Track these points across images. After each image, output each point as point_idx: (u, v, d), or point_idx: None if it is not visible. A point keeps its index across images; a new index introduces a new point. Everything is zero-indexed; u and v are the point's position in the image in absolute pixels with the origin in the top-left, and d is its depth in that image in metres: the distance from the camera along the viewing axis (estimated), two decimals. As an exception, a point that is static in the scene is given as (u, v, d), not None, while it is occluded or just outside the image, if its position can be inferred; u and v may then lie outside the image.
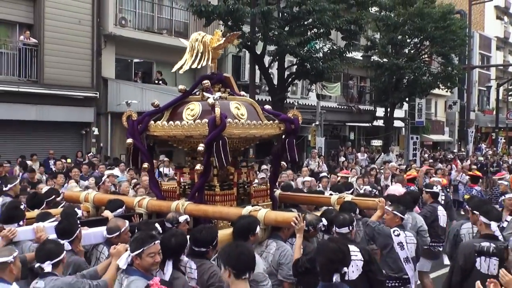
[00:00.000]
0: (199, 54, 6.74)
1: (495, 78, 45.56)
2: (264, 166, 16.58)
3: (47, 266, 4.39)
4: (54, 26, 18.20)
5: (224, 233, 5.35)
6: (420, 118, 32.79)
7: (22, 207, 6.46)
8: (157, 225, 5.53)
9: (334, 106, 27.22)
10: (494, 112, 39.76)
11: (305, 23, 18.32)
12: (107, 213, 6.37)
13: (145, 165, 6.87)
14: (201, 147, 6.09)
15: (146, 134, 6.83)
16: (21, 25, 18.25)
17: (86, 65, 19.19)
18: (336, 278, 3.96)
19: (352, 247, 4.91)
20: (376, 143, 31.18)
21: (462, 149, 34.20)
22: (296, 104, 22.00)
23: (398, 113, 29.15)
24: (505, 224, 6.77)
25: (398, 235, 6.37)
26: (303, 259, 5.06)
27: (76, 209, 6.55)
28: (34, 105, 17.67)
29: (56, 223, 5.49)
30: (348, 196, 7.21)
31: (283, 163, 7.38)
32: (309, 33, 18.40)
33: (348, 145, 27.15)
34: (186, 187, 6.89)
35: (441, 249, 8.41)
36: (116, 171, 13.26)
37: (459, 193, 16.53)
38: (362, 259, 5.13)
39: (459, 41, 25.96)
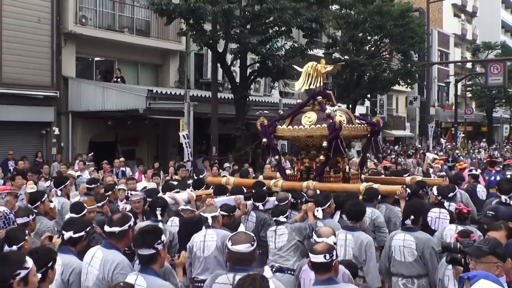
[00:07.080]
0: (312, 77, 9.25)
1: (454, 74, 46.55)
2: (226, 164, 16.62)
3: (282, 218, 6.68)
4: (12, 24, 17.82)
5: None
6: (381, 114, 33.35)
7: None
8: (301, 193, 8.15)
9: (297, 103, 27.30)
10: (453, 107, 40.62)
11: (267, 21, 18.40)
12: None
13: (276, 157, 9.72)
14: (324, 143, 8.55)
15: (274, 135, 9.24)
16: (-22, 24, 17.87)
17: (46, 64, 18.86)
18: (407, 222, 6.27)
19: (444, 211, 7.47)
20: (339, 139, 31.47)
21: (420, 145, 34.82)
22: (259, 101, 22.06)
23: (360, 109, 29.48)
24: None
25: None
26: None
27: None
28: (-8, 105, 17.30)
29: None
30: (418, 177, 10.04)
31: (368, 154, 10.29)
32: (270, 31, 18.48)
33: (311, 141, 27.36)
34: (303, 172, 9.24)
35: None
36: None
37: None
38: (448, 219, 7.17)
39: (417, 38, 26.38)
